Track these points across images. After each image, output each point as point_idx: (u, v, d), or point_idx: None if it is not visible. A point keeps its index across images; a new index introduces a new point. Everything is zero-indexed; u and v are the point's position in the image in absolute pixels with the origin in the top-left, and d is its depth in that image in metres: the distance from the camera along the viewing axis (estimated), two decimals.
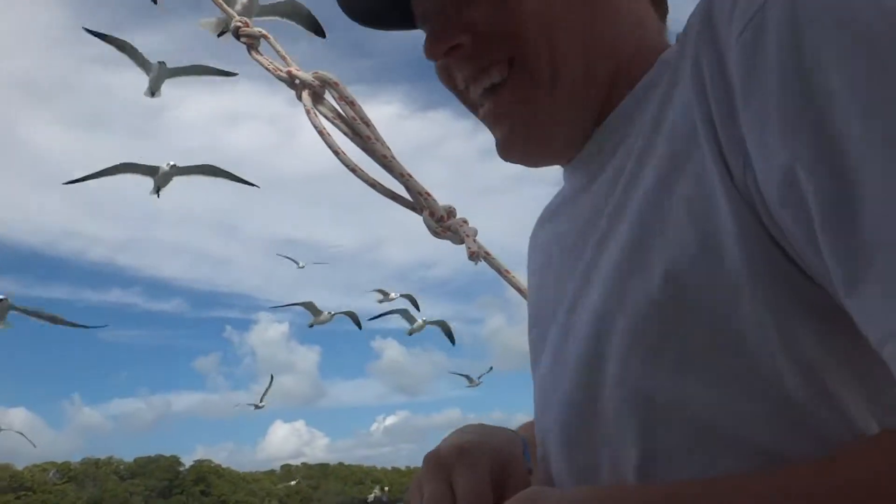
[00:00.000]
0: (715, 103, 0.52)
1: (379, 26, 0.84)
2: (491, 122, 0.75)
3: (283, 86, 1.76)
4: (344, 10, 0.82)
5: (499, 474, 0.73)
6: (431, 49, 0.73)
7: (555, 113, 0.72)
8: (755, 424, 0.54)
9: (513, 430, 0.80)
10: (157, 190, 13.09)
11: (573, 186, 0.77)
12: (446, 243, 1.65)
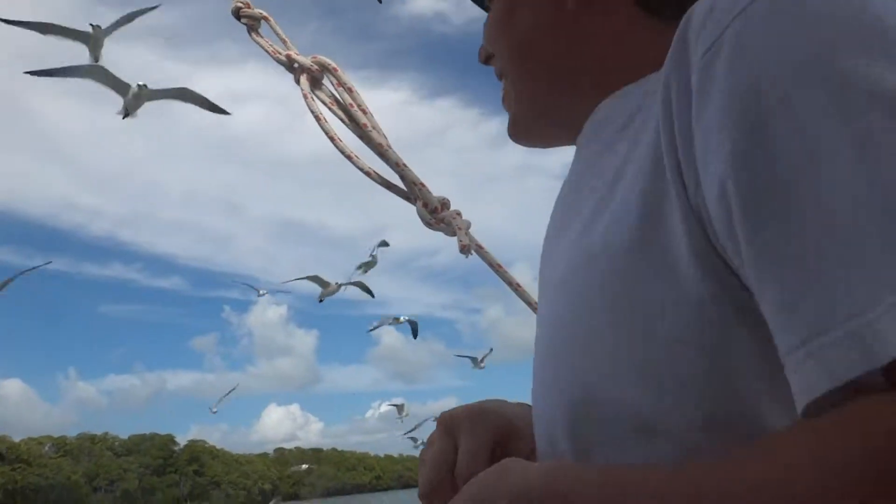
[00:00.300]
0: (677, 122, 0.54)
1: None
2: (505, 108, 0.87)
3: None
4: None
5: (504, 442, 0.78)
6: (479, 55, 0.88)
7: (533, 111, 0.83)
8: (685, 422, 0.56)
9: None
10: (126, 113, 12.06)
11: (573, 164, 0.82)
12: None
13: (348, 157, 1.68)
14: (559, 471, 0.59)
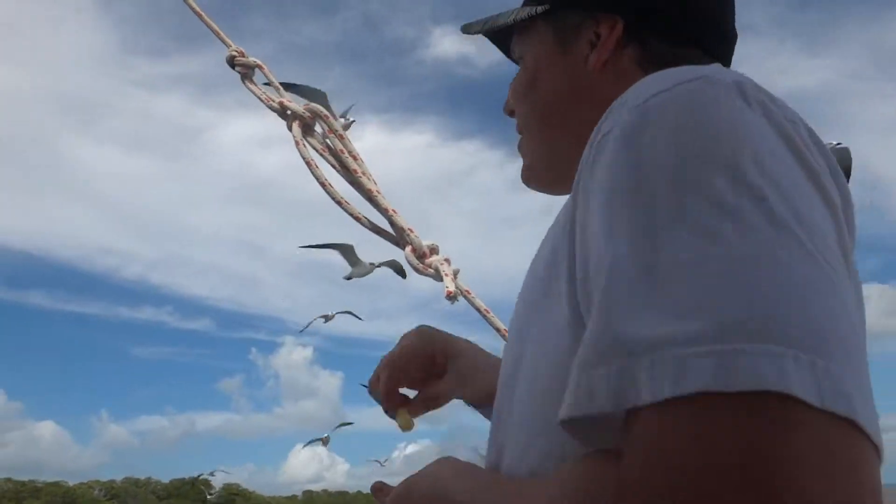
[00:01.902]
0: (580, 194, 0.58)
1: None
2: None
3: None
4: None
5: (448, 355, 0.95)
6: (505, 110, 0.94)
7: (542, 163, 0.88)
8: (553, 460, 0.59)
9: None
10: (350, 277, 12.95)
11: None
12: None
13: (339, 203, 1.56)
14: (453, 474, 0.65)
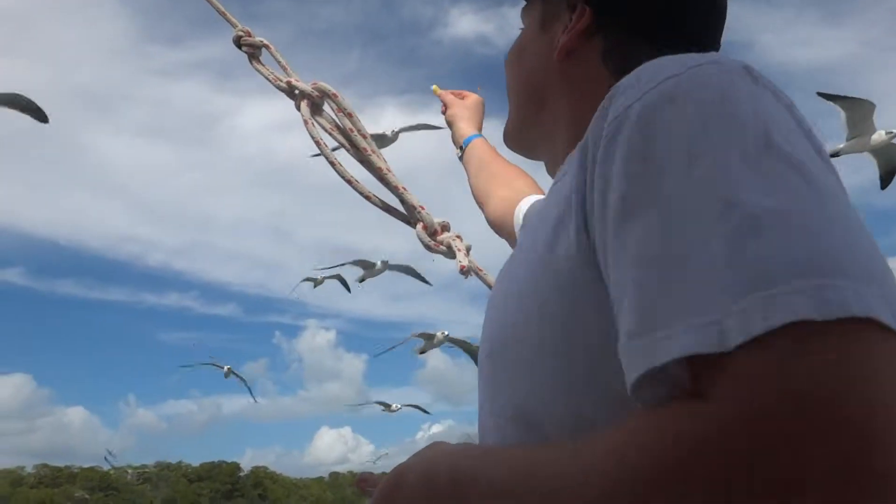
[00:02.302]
0: (590, 166, 0.57)
1: None
2: None
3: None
4: None
5: None
6: None
7: (518, 136, 0.95)
8: (555, 419, 0.60)
9: None
10: (363, 279, 12.85)
11: None
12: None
13: (349, 182, 1.53)
14: (450, 451, 0.61)
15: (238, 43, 1.60)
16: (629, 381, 0.47)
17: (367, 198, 1.51)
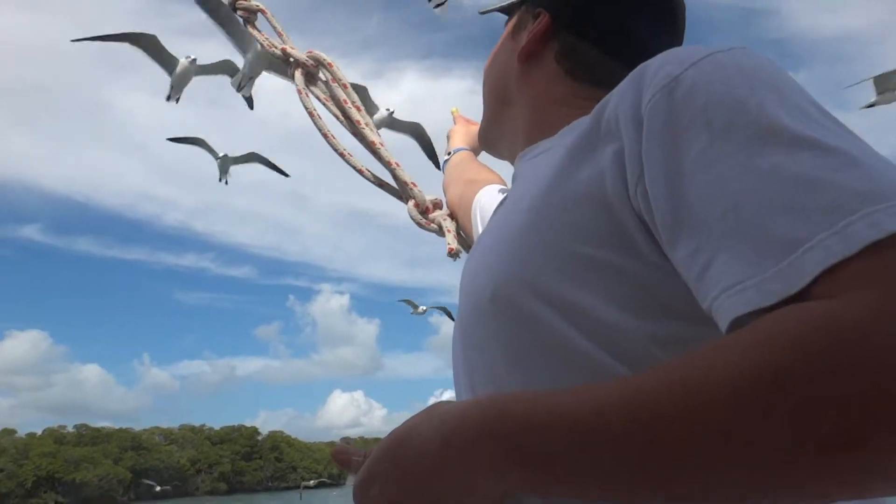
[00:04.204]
0: (627, 135, 0.56)
1: None
2: None
3: (358, 59, 1.41)
4: None
5: None
6: None
7: (491, 129, 0.93)
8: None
9: None
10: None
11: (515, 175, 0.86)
12: None
13: (341, 155, 1.36)
14: (490, 398, 0.52)
15: (233, 6, 1.44)
16: (745, 309, 0.44)
17: (360, 171, 1.35)
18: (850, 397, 0.37)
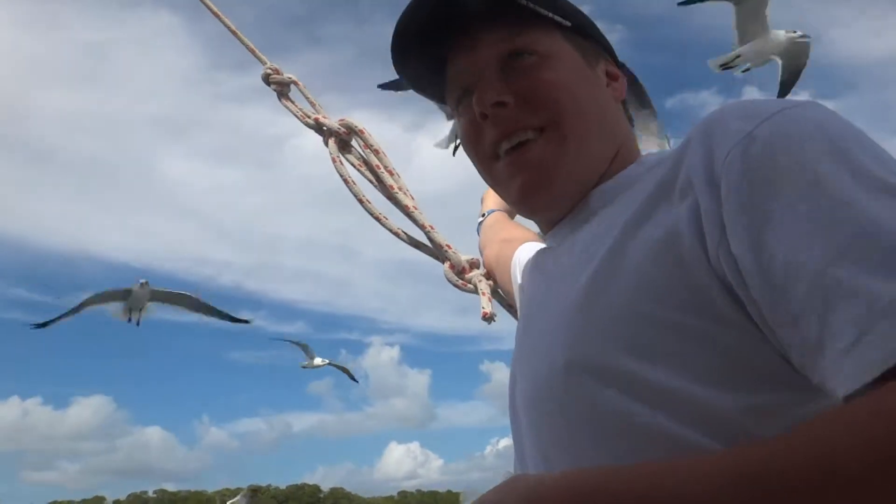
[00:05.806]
0: (702, 194, 0.53)
1: (417, 89, 0.82)
2: (516, 169, 0.72)
3: (401, 112, 1.36)
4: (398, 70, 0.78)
5: None
6: (483, 98, 0.71)
7: (573, 170, 0.71)
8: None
9: None
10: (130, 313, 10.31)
11: (558, 237, 0.76)
12: None
13: (377, 219, 1.29)
14: (578, 474, 0.50)
15: (267, 80, 1.41)
16: (864, 380, 0.42)
17: (396, 234, 1.28)
18: None
